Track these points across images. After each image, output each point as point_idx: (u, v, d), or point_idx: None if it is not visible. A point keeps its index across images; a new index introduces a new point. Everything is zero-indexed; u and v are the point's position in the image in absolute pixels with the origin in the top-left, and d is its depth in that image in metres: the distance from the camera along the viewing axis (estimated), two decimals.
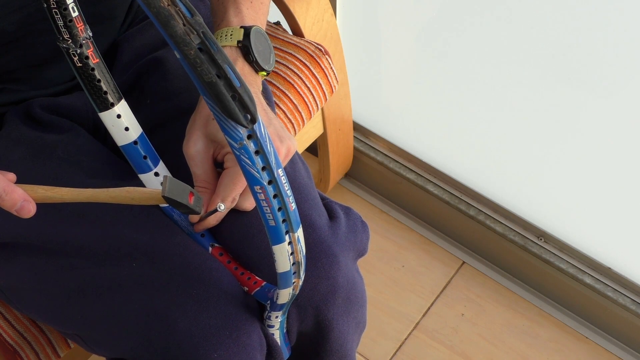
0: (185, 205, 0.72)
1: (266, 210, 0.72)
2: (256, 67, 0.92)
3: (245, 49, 0.91)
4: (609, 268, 1.50)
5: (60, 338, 1.07)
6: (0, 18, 0.90)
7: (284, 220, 0.74)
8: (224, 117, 0.65)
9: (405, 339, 1.54)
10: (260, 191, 0.70)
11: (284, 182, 0.71)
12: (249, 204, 0.91)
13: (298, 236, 0.76)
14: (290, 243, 0.76)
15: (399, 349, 1.53)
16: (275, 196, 0.71)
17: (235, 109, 0.65)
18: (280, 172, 0.71)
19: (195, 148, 0.88)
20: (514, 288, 1.60)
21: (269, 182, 0.70)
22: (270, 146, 0.69)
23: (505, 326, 1.55)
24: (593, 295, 1.51)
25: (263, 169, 0.69)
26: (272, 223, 0.73)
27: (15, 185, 0.76)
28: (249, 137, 0.68)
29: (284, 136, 0.90)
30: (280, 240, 0.75)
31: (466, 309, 1.57)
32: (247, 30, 0.91)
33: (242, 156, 0.68)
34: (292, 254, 0.77)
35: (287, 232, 0.75)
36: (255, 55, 0.91)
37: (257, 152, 0.69)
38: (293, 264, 0.79)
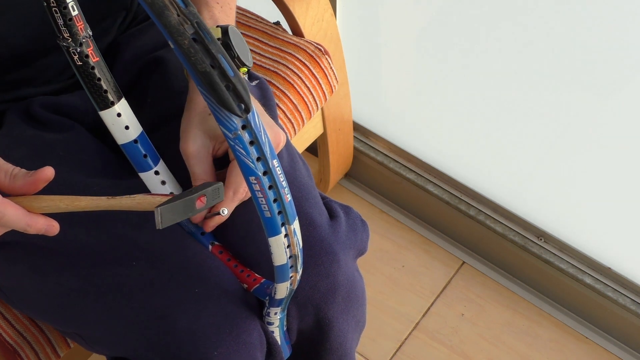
0: (195, 212, 0.72)
1: (261, 201, 0.72)
2: (238, 63, 0.92)
3: (226, 45, 0.90)
4: (609, 268, 1.50)
5: (60, 338, 1.07)
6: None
7: (279, 212, 0.74)
8: (218, 106, 0.66)
9: (405, 339, 1.54)
10: (256, 182, 0.71)
11: (279, 173, 0.72)
12: None
13: (294, 228, 0.76)
14: (286, 235, 0.76)
15: (399, 349, 1.53)
16: (270, 187, 0.71)
17: (229, 98, 0.65)
18: (275, 162, 0.71)
19: (194, 146, 0.87)
20: (514, 288, 1.60)
21: (264, 173, 0.71)
22: (264, 136, 0.70)
23: (505, 326, 1.55)
24: (593, 295, 1.51)
25: (258, 159, 0.70)
26: (267, 214, 0.73)
27: (37, 216, 0.77)
28: (244, 127, 0.68)
29: (275, 126, 0.90)
30: (276, 232, 0.75)
31: (466, 309, 1.57)
32: (224, 28, 0.90)
33: (236, 146, 0.69)
34: (288, 246, 0.77)
35: (283, 224, 0.75)
36: (237, 51, 0.91)
37: (251, 143, 0.69)
38: (290, 257, 0.79)
